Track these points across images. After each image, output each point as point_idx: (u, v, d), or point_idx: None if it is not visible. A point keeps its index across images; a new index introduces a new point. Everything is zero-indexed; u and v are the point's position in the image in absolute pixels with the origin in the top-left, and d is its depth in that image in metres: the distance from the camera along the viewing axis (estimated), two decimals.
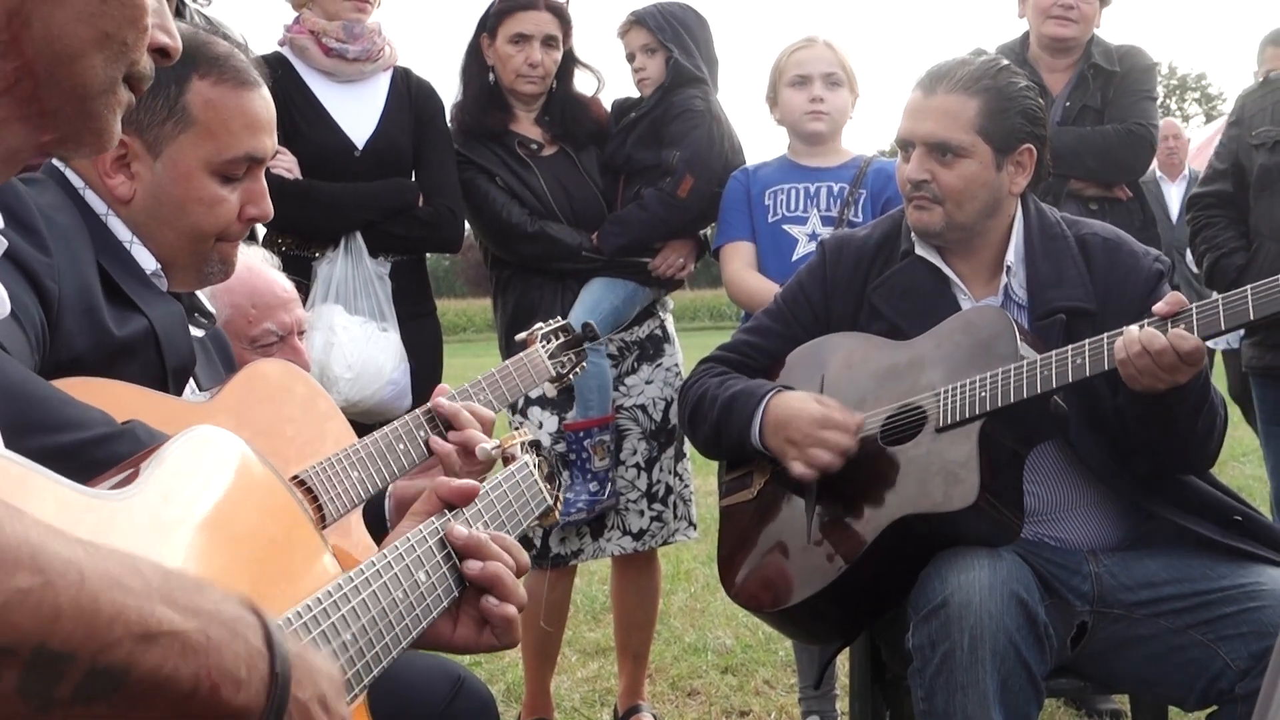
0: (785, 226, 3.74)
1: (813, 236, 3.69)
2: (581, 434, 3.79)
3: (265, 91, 1.94)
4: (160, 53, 1.24)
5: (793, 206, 3.73)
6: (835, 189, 3.71)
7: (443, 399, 2.24)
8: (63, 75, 1.06)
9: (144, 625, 0.81)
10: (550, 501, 1.83)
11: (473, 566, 1.42)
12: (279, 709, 0.90)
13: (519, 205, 3.82)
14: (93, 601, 0.78)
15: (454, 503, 1.48)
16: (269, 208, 1.95)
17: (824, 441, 2.52)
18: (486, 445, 2.15)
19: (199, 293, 2.07)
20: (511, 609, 1.44)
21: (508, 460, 2.04)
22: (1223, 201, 3.85)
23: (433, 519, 1.44)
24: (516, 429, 3.80)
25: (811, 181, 3.75)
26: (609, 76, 4.07)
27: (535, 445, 2.05)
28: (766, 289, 3.53)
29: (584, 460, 3.79)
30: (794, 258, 3.68)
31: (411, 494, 2.11)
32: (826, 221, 3.69)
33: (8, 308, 1.34)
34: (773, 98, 3.83)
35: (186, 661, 0.84)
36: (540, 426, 3.81)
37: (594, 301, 3.81)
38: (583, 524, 3.80)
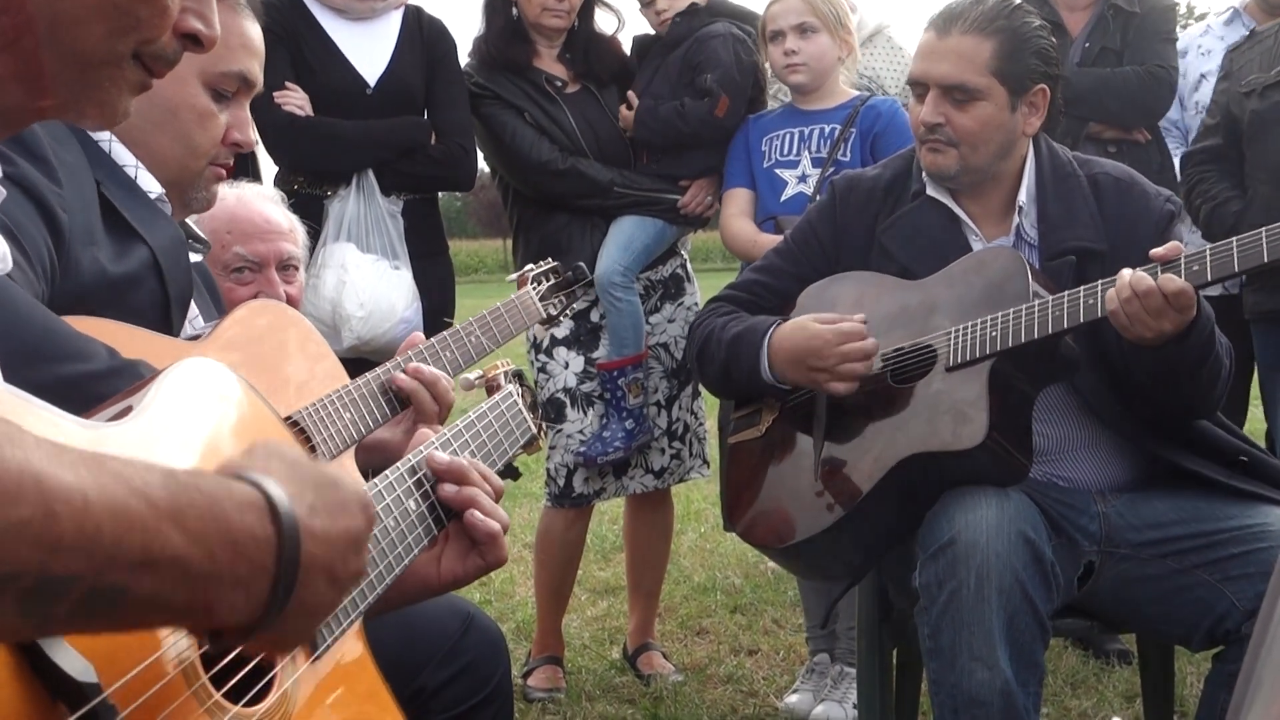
0: (778, 171, 3.74)
1: (802, 178, 3.69)
2: (615, 373, 3.80)
3: (258, 26, 1.97)
4: (191, 39, 1.18)
5: (785, 151, 3.73)
6: (827, 130, 3.70)
7: (401, 375, 2.13)
8: (62, 37, 1.03)
9: (146, 551, 0.82)
10: (535, 430, 1.84)
11: (448, 490, 1.45)
12: (268, 623, 0.91)
13: (548, 142, 3.80)
14: (95, 529, 0.79)
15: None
16: (251, 136, 1.98)
17: (849, 354, 2.51)
18: (469, 375, 2.15)
19: (189, 220, 2.07)
20: (494, 524, 1.46)
21: (491, 390, 2.04)
22: (1215, 156, 3.85)
23: (418, 449, 1.47)
24: (540, 369, 3.82)
25: (806, 125, 3.73)
26: (629, 18, 4.04)
27: (519, 375, 2.05)
28: (748, 233, 3.70)
29: (618, 399, 3.80)
30: (783, 198, 3.70)
31: (377, 444, 2.13)
32: (816, 163, 3.68)
33: (8, 264, 1.33)
34: (765, 54, 3.81)
35: (184, 587, 0.85)
36: (566, 366, 3.82)
37: (626, 239, 3.81)
38: (619, 463, 3.82)
